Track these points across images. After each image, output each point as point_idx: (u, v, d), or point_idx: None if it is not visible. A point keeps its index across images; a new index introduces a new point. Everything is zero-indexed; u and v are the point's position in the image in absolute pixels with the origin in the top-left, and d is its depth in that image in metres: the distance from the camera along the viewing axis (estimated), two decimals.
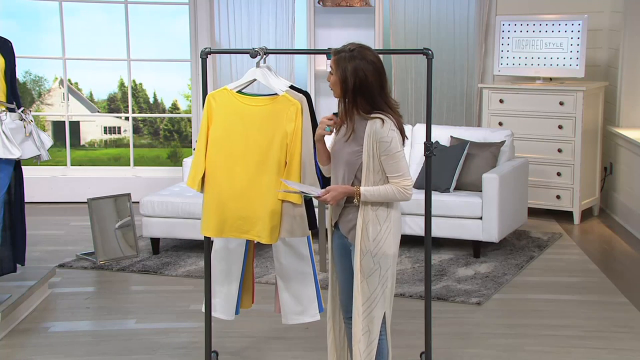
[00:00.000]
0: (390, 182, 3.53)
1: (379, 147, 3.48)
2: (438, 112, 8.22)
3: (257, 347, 4.74)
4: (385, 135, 3.46)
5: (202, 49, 4.07)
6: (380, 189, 3.51)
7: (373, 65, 3.46)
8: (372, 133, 3.47)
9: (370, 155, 3.49)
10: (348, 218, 3.60)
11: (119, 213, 6.49)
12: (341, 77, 3.47)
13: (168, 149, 13.80)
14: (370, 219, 3.53)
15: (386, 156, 3.48)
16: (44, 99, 13.61)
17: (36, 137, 5.14)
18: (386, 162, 3.49)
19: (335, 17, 8.37)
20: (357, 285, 3.55)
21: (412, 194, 3.54)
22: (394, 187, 3.50)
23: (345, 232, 3.63)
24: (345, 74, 3.46)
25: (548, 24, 7.55)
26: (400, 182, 3.50)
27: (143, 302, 5.58)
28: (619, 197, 7.54)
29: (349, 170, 3.55)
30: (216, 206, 3.98)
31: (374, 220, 3.53)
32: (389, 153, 3.47)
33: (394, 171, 3.50)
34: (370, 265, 3.53)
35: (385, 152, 3.48)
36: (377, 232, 3.53)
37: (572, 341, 4.79)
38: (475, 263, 6.22)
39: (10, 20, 10.24)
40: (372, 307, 3.55)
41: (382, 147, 3.47)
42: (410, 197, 3.54)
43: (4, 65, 5.13)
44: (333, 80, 3.52)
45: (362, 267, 3.54)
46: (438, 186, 6.44)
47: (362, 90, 3.46)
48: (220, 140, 3.96)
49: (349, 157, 3.54)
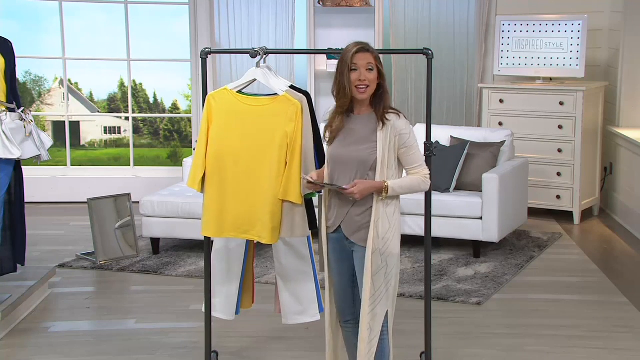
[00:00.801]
0: (410, 174, 3.56)
1: (399, 140, 3.51)
2: (438, 112, 8.22)
3: (257, 347, 4.74)
4: (404, 128, 3.51)
5: (202, 49, 4.07)
6: (406, 180, 3.55)
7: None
8: (392, 127, 3.49)
9: (386, 150, 3.50)
10: (356, 219, 3.58)
11: (119, 213, 6.49)
12: (382, 70, 3.51)
13: (168, 149, 13.80)
14: (381, 217, 3.53)
15: (406, 148, 3.52)
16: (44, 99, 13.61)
17: (36, 137, 5.14)
18: (406, 153, 3.53)
19: (335, 17, 8.37)
20: (368, 284, 3.54)
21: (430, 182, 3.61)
22: (418, 177, 3.55)
23: (350, 233, 3.60)
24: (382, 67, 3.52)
25: (548, 24, 7.55)
26: (421, 171, 3.57)
27: (143, 302, 5.58)
28: (619, 197, 7.54)
29: (362, 168, 3.53)
30: (216, 206, 3.98)
31: (383, 217, 3.54)
32: (409, 144, 3.53)
33: (415, 161, 3.55)
34: (378, 263, 3.53)
35: (405, 144, 3.52)
36: (386, 230, 3.54)
37: (572, 341, 4.79)
38: (475, 263, 6.22)
39: (10, 20, 10.24)
40: (375, 305, 3.55)
41: (403, 139, 3.51)
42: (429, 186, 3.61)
43: (4, 65, 5.13)
44: (374, 76, 3.50)
45: (371, 266, 3.54)
46: (438, 186, 6.44)
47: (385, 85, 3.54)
48: (220, 140, 3.95)
49: (362, 155, 3.52)
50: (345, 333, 3.82)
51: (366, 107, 3.58)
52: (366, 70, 3.48)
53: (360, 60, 3.47)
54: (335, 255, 3.71)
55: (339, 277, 3.72)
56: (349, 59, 3.47)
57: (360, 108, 3.58)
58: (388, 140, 3.49)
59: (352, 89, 3.49)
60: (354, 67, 3.48)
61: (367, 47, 3.50)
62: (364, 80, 3.48)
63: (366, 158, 3.52)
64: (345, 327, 3.80)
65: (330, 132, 3.60)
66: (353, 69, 3.48)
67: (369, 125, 3.54)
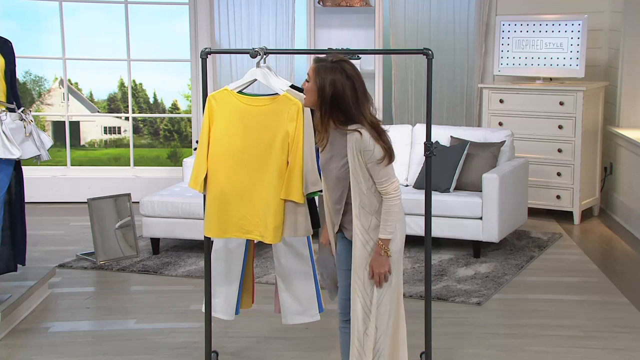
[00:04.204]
0: (379, 189, 3.53)
1: (364, 156, 3.49)
2: (438, 112, 8.22)
3: (257, 347, 4.74)
4: (367, 145, 3.46)
5: (202, 49, 4.07)
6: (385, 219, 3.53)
7: (351, 80, 3.45)
8: (354, 145, 3.48)
9: (356, 167, 3.50)
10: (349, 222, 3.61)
11: (119, 213, 6.49)
12: (319, 86, 3.47)
13: (168, 149, 13.81)
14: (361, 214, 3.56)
15: (372, 163, 3.49)
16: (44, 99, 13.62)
17: (36, 137, 5.14)
18: (373, 169, 3.50)
19: (335, 17, 8.37)
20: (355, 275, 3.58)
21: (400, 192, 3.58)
22: (388, 202, 3.52)
23: (351, 235, 3.61)
24: (323, 83, 3.45)
25: (548, 24, 7.55)
26: (388, 187, 3.52)
27: (143, 302, 5.58)
28: (619, 197, 7.54)
29: (342, 185, 3.57)
30: (218, 207, 3.98)
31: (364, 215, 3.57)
32: (375, 159, 3.48)
33: (382, 176, 3.51)
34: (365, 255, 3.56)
35: (370, 160, 3.48)
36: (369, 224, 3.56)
37: (572, 341, 4.79)
38: (475, 263, 6.22)
39: (10, 20, 10.24)
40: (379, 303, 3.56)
41: (367, 155, 3.48)
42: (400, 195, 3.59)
43: (4, 65, 5.13)
44: (309, 88, 3.52)
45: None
46: (438, 186, 6.44)
47: (338, 102, 3.46)
48: (221, 140, 3.95)
49: (338, 173, 3.56)
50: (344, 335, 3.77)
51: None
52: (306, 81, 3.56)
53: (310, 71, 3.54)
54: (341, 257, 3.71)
55: (345, 279, 3.70)
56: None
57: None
58: (355, 157, 3.49)
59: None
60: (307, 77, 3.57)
61: (318, 60, 3.52)
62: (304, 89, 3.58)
63: (343, 176, 3.55)
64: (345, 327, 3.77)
65: (320, 139, 3.61)
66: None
67: (341, 141, 3.55)
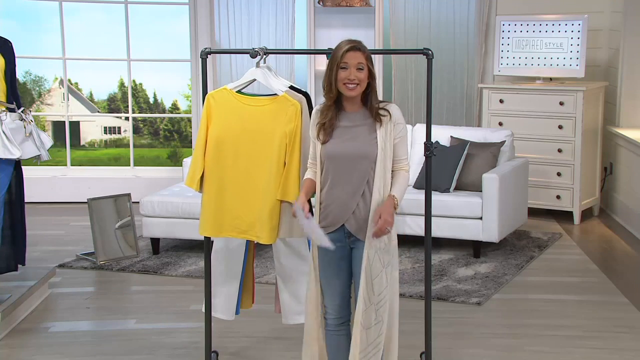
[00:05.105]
0: (396, 167, 3.56)
1: (395, 129, 3.53)
2: (438, 112, 8.22)
3: (257, 347, 4.74)
4: (400, 117, 3.55)
5: (202, 49, 4.07)
6: (401, 184, 3.54)
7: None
8: (389, 118, 3.51)
9: (387, 141, 3.51)
10: (362, 215, 3.52)
11: (119, 213, 6.49)
12: (372, 66, 3.51)
13: (168, 149, 13.81)
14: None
15: (400, 138, 3.55)
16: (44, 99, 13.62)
17: (36, 137, 5.14)
18: (399, 145, 3.55)
19: (335, 17, 8.37)
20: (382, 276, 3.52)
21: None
22: (404, 176, 3.57)
23: (356, 230, 3.54)
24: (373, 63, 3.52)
25: (548, 24, 7.55)
26: (405, 165, 3.58)
27: (143, 302, 5.58)
28: (619, 197, 7.54)
29: (368, 162, 3.50)
30: (214, 206, 3.98)
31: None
32: (402, 135, 3.55)
33: (404, 154, 3.57)
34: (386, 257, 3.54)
35: (399, 134, 3.54)
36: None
37: (572, 341, 4.79)
38: (475, 263, 6.22)
39: (10, 20, 10.24)
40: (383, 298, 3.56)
41: (398, 129, 3.54)
42: None
43: (4, 65, 5.13)
44: (364, 75, 3.48)
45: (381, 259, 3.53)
46: (438, 186, 6.44)
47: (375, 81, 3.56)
48: (219, 139, 3.95)
49: (366, 148, 3.50)
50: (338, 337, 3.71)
51: (358, 105, 3.57)
52: (356, 70, 3.47)
53: (350, 60, 3.46)
54: (334, 255, 3.59)
55: (337, 278, 3.63)
56: (339, 56, 3.47)
57: (352, 105, 3.56)
58: (387, 132, 3.50)
59: (340, 86, 3.50)
60: (344, 65, 3.47)
61: (358, 45, 3.49)
62: (353, 80, 3.48)
63: (371, 151, 3.50)
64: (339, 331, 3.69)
65: (324, 130, 3.55)
66: (343, 67, 3.47)
67: (364, 121, 3.53)
